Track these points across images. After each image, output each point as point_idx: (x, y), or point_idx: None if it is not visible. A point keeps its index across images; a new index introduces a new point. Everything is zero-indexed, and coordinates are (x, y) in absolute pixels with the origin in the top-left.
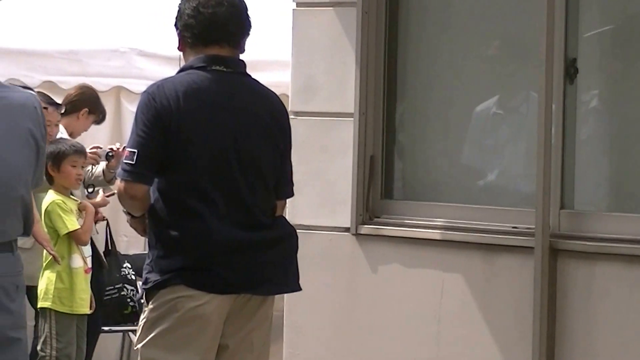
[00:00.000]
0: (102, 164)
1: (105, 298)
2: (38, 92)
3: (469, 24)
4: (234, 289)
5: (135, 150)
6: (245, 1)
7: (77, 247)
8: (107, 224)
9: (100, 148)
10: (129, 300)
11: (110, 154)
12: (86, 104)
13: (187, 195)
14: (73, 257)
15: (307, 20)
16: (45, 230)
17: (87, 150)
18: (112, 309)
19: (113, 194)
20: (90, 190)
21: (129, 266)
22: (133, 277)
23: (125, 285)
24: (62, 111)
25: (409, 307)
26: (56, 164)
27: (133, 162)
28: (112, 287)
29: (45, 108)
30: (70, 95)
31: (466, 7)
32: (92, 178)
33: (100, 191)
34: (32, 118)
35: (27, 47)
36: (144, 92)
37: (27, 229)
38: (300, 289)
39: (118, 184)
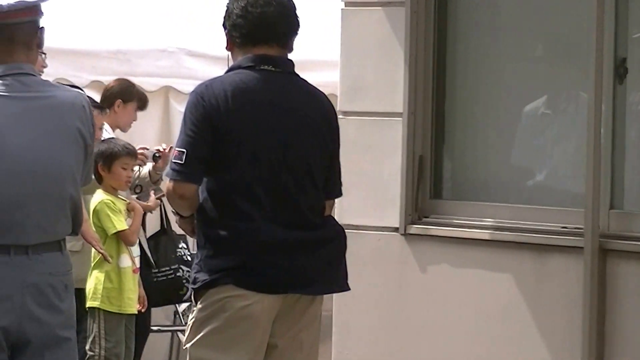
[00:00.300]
0: (149, 165)
1: (160, 278)
2: None
3: (518, 23)
4: (283, 289)
5: (184, 150)
6: (294, 0)
7: (126, 246)
8: (162, 203)
9: (148, 149)
10: (184, 281)
11: (157, 154)
12: (117, 95)
13: (235, 195)
14: (121, 257)
15: (356, 20)
16: (94, 229)
17: None
18: (168, 289)
19: (164, 195)
20: (137, 191)
21: (185, 246)
22: (189, 258)
23: (181, 266)
24: (107, 113)
25: (458, 307)
26: (107, 164)
27: (182, 162)
28: (168, 268)
29: None
30: (104, 91)
31: (515, 7)
32: (139, 179)
33: (152, 193)
34: (81, 116)
35: (76, 47)
36: (193, 91)
37: (76, 228)
38: (348, 289)
39: (167, 183)
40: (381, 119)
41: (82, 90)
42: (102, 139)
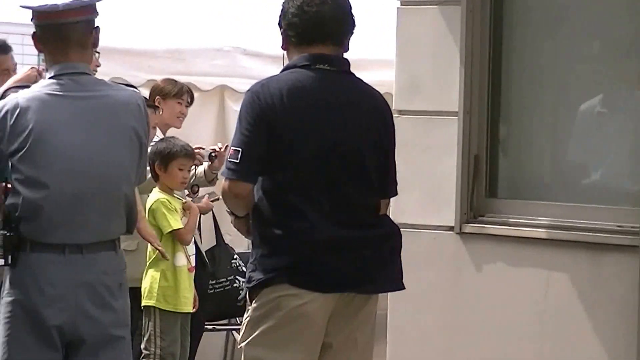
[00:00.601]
0: (205, 164)
1: (217, 290)
2: None
3: (573, 21)
4: (338, 288)
5: (240, 149)
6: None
7: (181, 245)
8: (214, 217)
9: (204, 149)
10: (241, 291)
11: (213, 154)
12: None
13: (290, 194)
14: (177, 256)
15: (412, 18)
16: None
17: None
18: (225, 300)
19: (217, 199)
20: (195, 190)
21: (238, 257)
22: (243, 268)
23: (237, 277)
24: (161, 113)
25: (513, 306)
26: (164, 164)
27: (237, 161)
28: (225, 279)
29: None
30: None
31: (571, 5)
32: (194, 178)
33: (205, 196)
34: (136, 115)
35: (132, 47)
36: (248, 90)
37: (130, 227)
38: (403, 288)
39: (222, 182)
40: (437, 117)
41: (137, 89)
42: (156, 139)
